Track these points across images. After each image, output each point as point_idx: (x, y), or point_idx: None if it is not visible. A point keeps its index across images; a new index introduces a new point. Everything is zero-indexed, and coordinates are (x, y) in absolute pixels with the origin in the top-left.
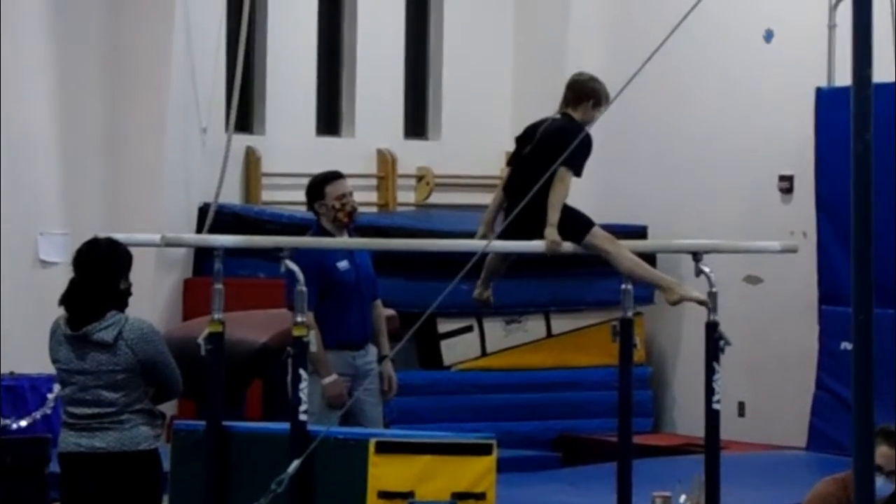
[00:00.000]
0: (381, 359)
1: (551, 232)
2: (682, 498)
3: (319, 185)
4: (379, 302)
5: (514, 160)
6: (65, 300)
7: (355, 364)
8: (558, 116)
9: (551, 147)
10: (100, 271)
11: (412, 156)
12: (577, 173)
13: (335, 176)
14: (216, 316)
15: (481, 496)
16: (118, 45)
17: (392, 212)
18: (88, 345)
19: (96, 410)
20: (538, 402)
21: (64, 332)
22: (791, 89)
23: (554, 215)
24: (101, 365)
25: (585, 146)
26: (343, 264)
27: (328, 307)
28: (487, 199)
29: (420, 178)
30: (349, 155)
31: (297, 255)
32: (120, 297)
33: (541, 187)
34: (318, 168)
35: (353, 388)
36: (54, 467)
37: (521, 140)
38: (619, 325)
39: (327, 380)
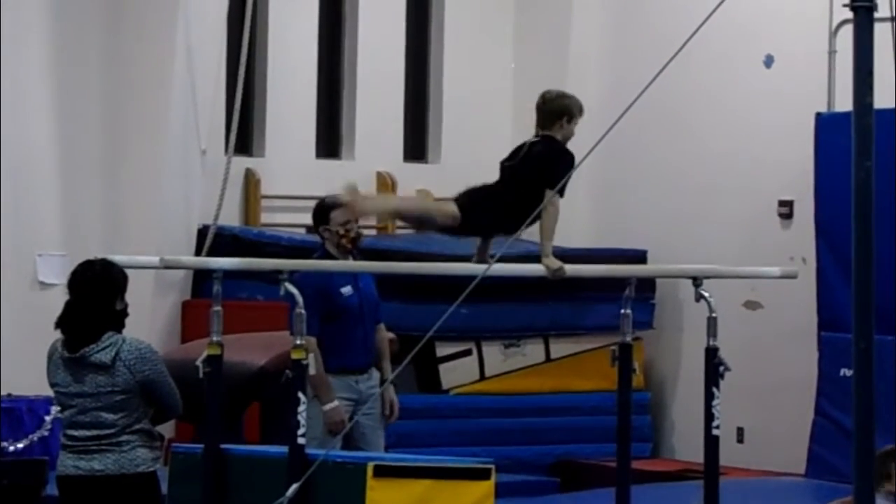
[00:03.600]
0: (382, 382)
1: (550, 261)
2: None
3: (324, 210)
4: (382, 325)
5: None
6: (61, 322)
7: (358, 389)
8: (537, 139)
9: (535, 169)
10: (95, 292)
11: (412, 178)
12: (562, 195)
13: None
14: (215, 338)
15: None
16: (118, 66)
17: (391, 235)
18: (86, 367)
19: (96, 433)
20: (537, 427)
21: (61, 355)
22: (791, 114)
23: (548, 244)
24: (100, 387)
25: (568, 165)
26: (347, 289)
27: (331, 332)
28: None
29: None
30: (348, 177)
31: (300, 279)
32: (116, 318)
33: (523, 206)
34: (318, 190)
35: (356, 413)
36: (51, 489)
37: (505, 161)
38: (618, 349)
39: (328, 406)
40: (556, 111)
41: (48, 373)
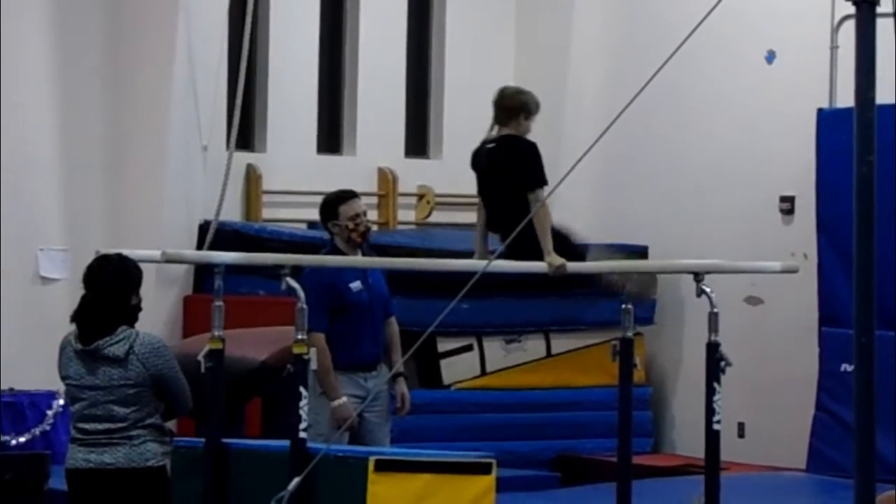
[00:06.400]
0: (395, 376)
1: (552, 258)
2: None
3: (333, 205)
4: (393, 319)
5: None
6: (76, 317)
7: (366, 386)
8: (494, 143)
9: (506, 170)
10: (111, 287)
11: (413, 174)
12: (544, 183)
13: (349, 195)
14: (216, 333)
15: None
16: (120, 61)
17: (392, 230)
18: (99, 360)
19: (108, 426)
20: (538, 422)
21: (74, 348)
22: (792, 110)
23: (547, 241)
24: (113, 380)
25: (536, 156)
26: (356, 285)
27: (340, 328)
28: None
29: (421, 197)
30: (350, 173)
31: (309, 275)
32: (131, 313)
33: (515, 205)
34: (319, 186)
35: (364, 410)
36: (53, 483)
37: (476, 167)
38: (619, 344)
39: (336, 402)
40: (515, 107)
41: (60, 365)
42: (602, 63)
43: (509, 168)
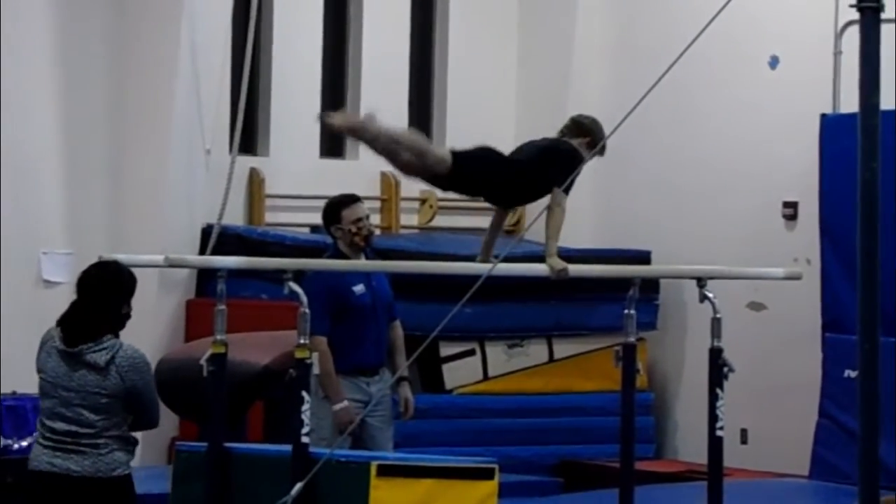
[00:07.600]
0: (398, 381)
1: (554, 261)
2: None
3: (335, 209)
4: (397, 322)
5: None
6: (63, 320)
7: (369, 391)
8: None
9: (547, 157)
10: (102, 294)
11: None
12: (567, 193)
13: (351, 199)
14: (219, 337)
15: None
16: (122, 64)
17: (395, 234)
18: (80, 364)
19: (74, 429)
20: (540, 427)
21: (56, 346)
22: (796, 115)
23: (554, 244)
24: (89, 385)
25: (575, 165)
26: (359, 288)
27: (343, 331)
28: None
29: (423, 202)
30: (353, 177)
31: (312, 278)
32: (118, 322)
33: (523, 187)
34: (322, 190)
35: (366, 414)
36: None
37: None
38: (621, 350)
39: (338, 406)
40: (587, 130)
41: (38, 358)
42: (605, 66)
43: (553, 155)
